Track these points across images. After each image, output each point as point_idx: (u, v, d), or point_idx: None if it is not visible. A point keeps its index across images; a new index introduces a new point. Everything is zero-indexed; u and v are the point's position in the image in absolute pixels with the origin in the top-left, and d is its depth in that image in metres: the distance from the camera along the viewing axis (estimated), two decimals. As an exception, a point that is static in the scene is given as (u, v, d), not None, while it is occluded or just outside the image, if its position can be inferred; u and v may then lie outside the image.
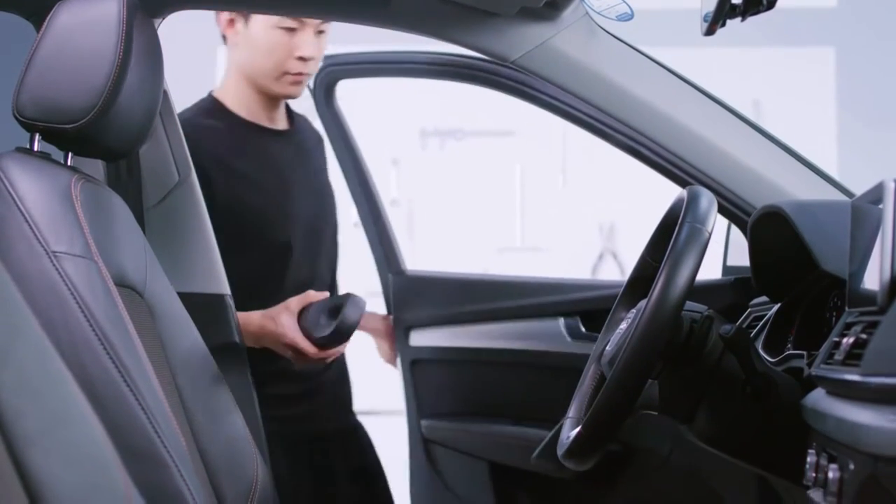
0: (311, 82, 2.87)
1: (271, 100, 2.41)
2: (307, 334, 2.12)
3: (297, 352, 2.12)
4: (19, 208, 1.50)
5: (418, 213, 5.15)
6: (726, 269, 2.48)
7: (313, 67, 2.38)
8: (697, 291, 1.55)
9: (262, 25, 2.29)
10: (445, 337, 2.62)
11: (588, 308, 2.57)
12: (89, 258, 1.52)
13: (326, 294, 2.17)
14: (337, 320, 2.07)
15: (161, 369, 1.65)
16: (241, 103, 2.40)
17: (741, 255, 1.92)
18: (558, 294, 2.64)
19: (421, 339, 2.67)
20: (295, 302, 2.14)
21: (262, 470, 1.85)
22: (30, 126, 1.62)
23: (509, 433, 2.50)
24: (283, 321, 2.12)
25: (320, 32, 2.33)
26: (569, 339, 2.55)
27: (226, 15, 2.32)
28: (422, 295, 2.70)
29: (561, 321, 2.58)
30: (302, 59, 2.32)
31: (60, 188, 1.56)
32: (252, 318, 2.16)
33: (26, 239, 1.48)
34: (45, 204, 1.52)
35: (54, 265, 1.48)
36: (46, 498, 0.82)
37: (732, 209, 2.09)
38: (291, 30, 2.28)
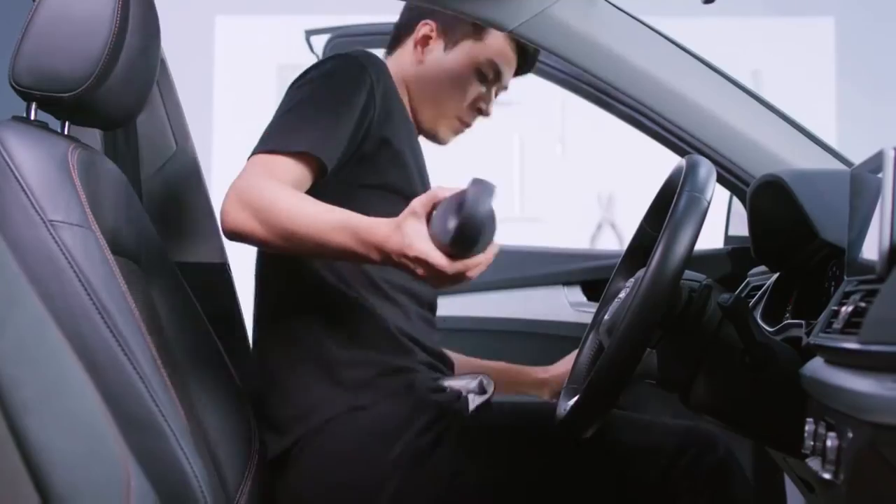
0: (319, 52, 2.87)
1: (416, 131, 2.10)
2: (437, 242, 1.62)
3: (430, 267, 1.62)
4: (16, 177, 1.50)
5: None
6: (728, 239, 2.48)
7: (474, 123, 2.17)
8: (696, 261, 1.55)
9: (465, 58, 2.08)
10: (449, 305, 2.63)
11: (590, 277, 2.61)
12: (86, 227, 1.52)
13: (458, 188, 1.66)
14: (459, 216, 1.59)
15: (158, 339, 1.65)
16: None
17: (743, 225, 1.92)
18: (561, 264, 2.67)
19: None
20: (420, 203, 1.64)
21: (259, 439, 1.85)
22: (26, 95, 1.61)
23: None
24: (408, 229, 1.63)
25: (496, 94, 2.16)
26: (570, 307, 2.58)
27: (425, 30, 2.09)
28: None
29: (563, 290, 2.60)
30: (480, 111, 2.13)
31: (57, 157, 1.55)
32: (378, 229, 1.68)
33: (23, 208, 1.48)
34: (42, 173, 1.51)
35: (51, 234, 1.47)
36: (43, 466, 0.82)
37: (731, 178, 2.09)
38: (485, 78, 2.10)
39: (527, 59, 2.13)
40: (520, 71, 2.14)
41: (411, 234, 1.62)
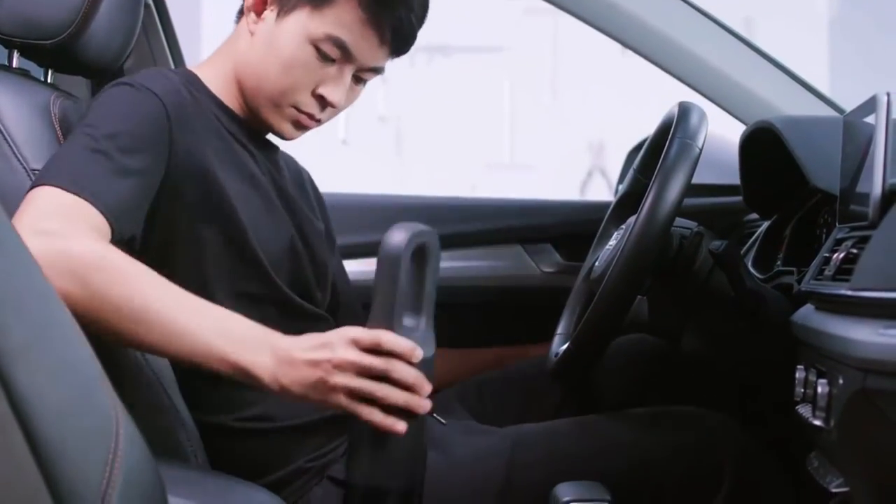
0: None
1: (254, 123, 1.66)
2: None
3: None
4: None
5: (406, 130, 5.13)
6: None
7: (328, 118, 1.65)
8: (687, 209, 1.54)
9: (298, 32, 1.57)
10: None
11: (565, 232, 2.35)
12: None
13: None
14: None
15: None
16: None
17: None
18: (525, 217, 2.40)
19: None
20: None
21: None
22: (8, 42, 1.59)
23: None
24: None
25: (359, 80, 1.64)
26: (537, 269, 2.34)
27: None
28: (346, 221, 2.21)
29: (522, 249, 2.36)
30: (321, 99, 1.60)
31: (39, 106, 1.53)
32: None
33: (5, 156, 1.46)
34: (24, 121, 1.50)
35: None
36: (31, 414, 0.81)
37: (723, 125, 2.08)
38: (327, 58, 1.58)
39: (396, 36, 1.59)
40: (393, 51, 1.61)
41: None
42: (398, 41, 1.60)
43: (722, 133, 2.06)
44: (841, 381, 1.13)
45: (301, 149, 1.72)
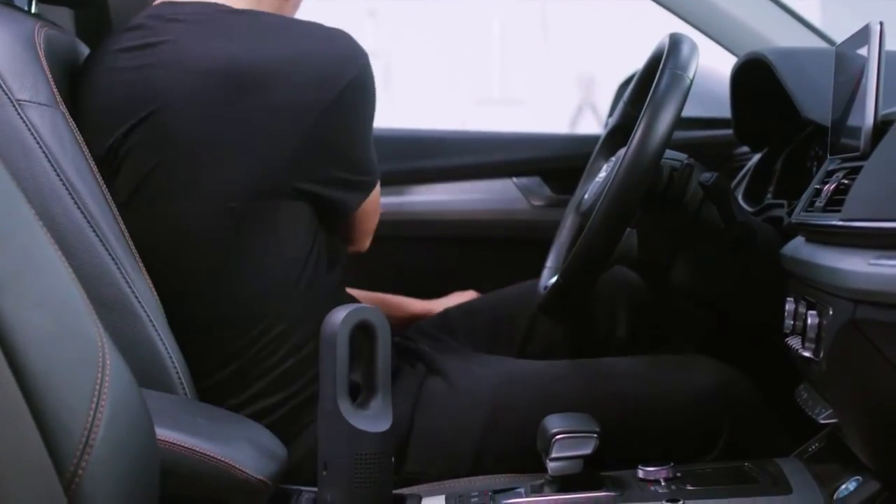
0: None
1: None
2: None
3: None
4: None
5: (396, 65, 5.09)
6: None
7: None
8: (677, 142, 1.53)
9: None
10: None
11: (555, 166, 2.34)
12: (54, 107, 1.48)
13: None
14: None
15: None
16: None
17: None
18: (514, 150, 2.38)
19: None
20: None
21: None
22: (-10, -29, 1.57)
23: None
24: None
25: None
26: (526, 202, 2.34)
27: None
28: None
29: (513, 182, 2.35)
30: None
31: (24, 35, 1.51)
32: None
33: None
34: (8, 51, 1.47)
35: (19, 114, 1.44)
36: (17, 343, 0.81)
37: (714, 57, 2.06)
38: None
39: None
40: None
41: None
42: None
43: (713, 65, 2.04)
44: (831, 313, 1.13)
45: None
